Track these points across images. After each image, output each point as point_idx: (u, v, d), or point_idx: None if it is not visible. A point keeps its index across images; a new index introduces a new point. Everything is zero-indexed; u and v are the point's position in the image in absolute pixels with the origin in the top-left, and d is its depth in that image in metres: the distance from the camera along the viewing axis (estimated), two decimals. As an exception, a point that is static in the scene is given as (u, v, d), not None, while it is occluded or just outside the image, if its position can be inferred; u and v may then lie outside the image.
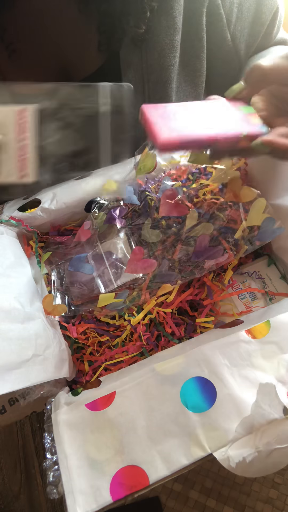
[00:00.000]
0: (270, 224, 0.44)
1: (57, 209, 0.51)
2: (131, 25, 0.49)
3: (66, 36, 0.51)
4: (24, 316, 0.41)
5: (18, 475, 0.53)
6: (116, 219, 0.50)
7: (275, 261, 0.50)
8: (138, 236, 0.50)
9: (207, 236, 0.45)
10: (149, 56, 0.52)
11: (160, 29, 0.51)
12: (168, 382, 0.34)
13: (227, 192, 0.47)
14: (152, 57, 0.52)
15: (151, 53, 0.52)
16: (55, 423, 0.34)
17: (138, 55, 0.52)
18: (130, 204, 0.52)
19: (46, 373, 0.38)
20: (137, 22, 0.49)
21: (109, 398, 0.35)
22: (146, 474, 0.31)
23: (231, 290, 0.48)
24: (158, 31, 0.51)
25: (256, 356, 0.34)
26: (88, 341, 0.47)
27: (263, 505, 0.47)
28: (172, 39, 0.52)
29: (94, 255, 0.49)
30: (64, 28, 0.50)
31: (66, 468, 0.32)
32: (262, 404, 0.31)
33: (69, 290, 0.49)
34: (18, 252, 0.49)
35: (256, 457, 0.29)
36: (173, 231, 0.48)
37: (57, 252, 0.52)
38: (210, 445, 0.31)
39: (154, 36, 0.51)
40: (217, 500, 0.47)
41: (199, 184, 0.50)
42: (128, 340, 0.48)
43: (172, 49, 0.52)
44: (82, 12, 0.48)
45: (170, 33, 0.51)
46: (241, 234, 0.44)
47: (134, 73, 0.53)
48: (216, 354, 0.34)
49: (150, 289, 0.46)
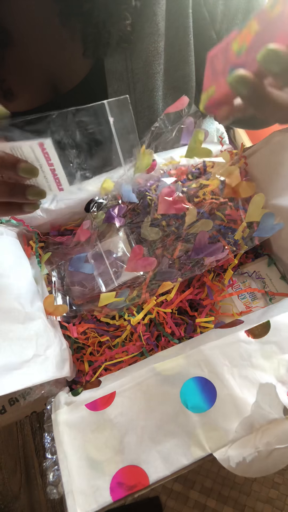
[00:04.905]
0: (269, 220, 0.44)
1: (57, 209, 0.51)
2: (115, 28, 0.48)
3: (50, 48, 0.51)
4: (25, 316, 0.41)
5: (18, 475, 0.53)
6: (115, 218, 0.50)
7: (275, 261, 0.50)
8: (137, 235, 0.50)
9: (207, 233, 0.45)
10: (134, 65, 0.51)
11: (143, 36, 0.50)
12: (168, 382, 0.34)
13: (226, 188, 0.47)
14: (137, 66, 0.51)
15: (136, 61, 0.51)
16: (55, 423, 0.34)
17: (123, 64, 0.51)
18: (129, 203, 0.52)
19: (47, 373, 0.38)
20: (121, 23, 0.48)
21: (109, 398, 0.35)
22: (146, 474, 0.31)
23: (231, 290, 0.48)
24: (142, 39, 0.50)
25: (256, 356, 0.34)
26: (88, 341, 0.47)
27: (263, 505, 0.47)
28: (157, 46, 0.51)
29: (94, 255, 0.49)
30: (48, 41, 0.50)
31: (66, 468, 0.32)
32: (262, 404, 0.31)
33: (70, 290, 0.49)
34: (18, 252, 0.49)
35: (256, 457, 0.29)
36: (172, 230, 0.48)
37: (57, 252, 0.52)
38: (210, 445, 0.31)
39: (138, 44, 0.50)
40: (217, 500, 0.47)
41: (199, 184, 0.50)
42: (128, 340, 0.48)
43: (156, 56, 0.52)
44: (65, 25, 0.48)
45: (154, 40, 0.51)
46: (241, 235, 0.45)
47: (120, 83, 0.52)
48: (216, 354, 0.34)
49: (150, 289, 0.46)
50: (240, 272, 0.50)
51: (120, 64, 0.51)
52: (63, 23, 0.48)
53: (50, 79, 0.54)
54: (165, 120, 0.48)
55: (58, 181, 0.38)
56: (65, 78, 0.54)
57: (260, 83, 0.31)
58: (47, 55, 0.51)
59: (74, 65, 0.53)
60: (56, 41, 0.50)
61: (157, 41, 0.51)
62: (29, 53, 0.51)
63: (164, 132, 0.49)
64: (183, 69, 0.55)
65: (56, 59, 0.52)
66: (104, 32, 0.48)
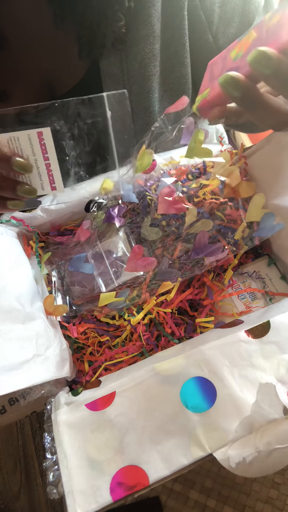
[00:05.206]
0: (270, 220, 0.44)
1: (57, 209, 0.51)
2: (110, 28, 0.48)
3: (45, 50, 0.51)
4: (25, 316, 0.41)
5: (18, 475, 0.53)
6: (115, 218, 0.50)
7: (275, 261, 0.50)
8: (137, 235, 0.50)
9: (207, 233, 0.45)
10: (129, 67, 0.51)
11: (139, 38, 0.50)
12: (168, 382, 0.34)
13: (226, 188, 0.47)
14: (132, 68, 0.51)
15: (131, 63, 0.51)
16: (55, 423, 0.34)
17: (119, 66, 0.51)
18: (129, 203, 0.52)
19: (47, 373, 0.38)
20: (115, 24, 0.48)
21: (109, 398, 0.35)
22: (146, 474, 0.31)
23: (231, 290, 0.48)
24: (137, 41, 0.50)
25: (256, 356, 0.34)
26: (88, 341, 0.47)
27: (263, 505, 0.47)
28: (152, 48, 0.51)
29: (94, 255, 0.50)
30: (42, 42, 0.50)
31: (66, 468, 0.32)
32: (262, 404, 0.31)
33: (69, 290, 0.49)
34: (19, 252, 0.49)
35: (256, 457, 0.29)
36: (172, 230, 0.48)
37: (57, 252, 0.52)
38: (210, 445, 0.31)
39: (133, 46, 0.50)
40: (217, 500, 0.47)
41: (199, 184, 0.50)
42: (128, 340, 0.48)
43: (152, 58, 0.52)
44: (59, 27, 0.48)
45: (150, 42, 0.50)
46: (241, 235, 0.45)
47: (116, 85, 0.52)
48: (216, 354, 0.34)
49: (150, 289, 0.46)
50: (240, 272, 0.50)
51: (115, 66, 0.51)
52: (57, 25, 0.48)
53: (46, 81, 0.54)
54: (165, 120, 0.48)
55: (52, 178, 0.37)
56: (61, 80, 0.54)
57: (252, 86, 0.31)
58: (42, 57, 0.51)
59: (69, 67, 0.53)
60: (51, 43, 0.50)
61: (153, 43, 0.51)
62: (23, 55, 0.51)
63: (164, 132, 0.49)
64: (179, 71, 0.55)
65: (51, 61, 0.52)
66: (98, 33, 0.48)
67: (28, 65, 0.51)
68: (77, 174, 0.45)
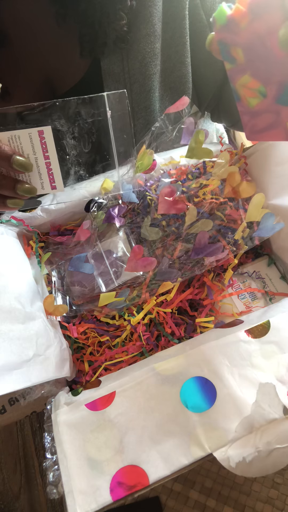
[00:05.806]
0: (270, 220, 0.44)
1: (57, 209, 0.51)
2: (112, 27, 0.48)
3: (47, 48, 0.51)
4: (25, 316, 0.41)
5: (18, 475, 0.53)
6: (115, 218, 0.50)
7: (275, 261, 0.50)
8: (137, 235, 0.50)
9: (207, 233, 0.45)
10: (130, 66, 0.51)
11: (140, 38, 0.50)
12: (168, 382, 0.34)
13: (226, 188, 0.47)
14: (133, 67, 0.51)
15: (132, 62, 0.51)
16: (55, 423, 0.34)
17: (120, 65, 0.51)
18: (129, 203, 0.52)
19: (47, 373, 0.38)
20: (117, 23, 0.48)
21: (109, 398, 0.35)
22: (146, 474, 0.31)
23: (231, 290, 0.48)
24: (138, 40, 0.50)
25: (256, 356, 0.34)
26: (88, 341, 0.47)
27: (263, 505, 0.47)
28: (153, 47, 0.51)
29: (94, 255, 0.50)
30: (44, 41, 0.50)
31: (66, 468, 0.32)
32: (262, 404, 0.31)
33: (69, 290, 0.49)
34: (19, 252, 0.49)
35: (256, 457, 0.29)
36: (172, 230, 0.48)
37: (57, 252, 0.52)
38: (210, 445, 0.31)
39: (134, 45, 0.50)
40: (217, 500, 0.47)
41: (199, 184, 0.50)
42: (128, 340, 0.48)
43: (153, 57, 0.52)
44: (61, 26, 0.48)
45: (151, 41, 0.51)
46: (241, 235, 0.45)
47: (116, 84, 0.52)
48: (216, 354, 0.34)
49: (150, 289, 0.46)
50: (240, 272, 0.50)
51: (116, 65, 0.51)
52: (59, 24, 0.48)
53: (47, 80, 0.54)
54: (165, 120, 0.48)
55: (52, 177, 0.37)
56: (62, 79, 0.54)
57: None
58: (44, 55, 0.51)
59: (71, 66, 0.53)
60: (53, 41, 0.50)
61: (154, 42, 0.51)
62: (25, 54, 0.51)
63: (165, 132, 0.49)
64: (179, 70, 0.55)
65: (53, 60, 0.52)
66: (100, 32, 0.48)
67: (29, 63, 0.51)
68: (77, 173, 0.45)
